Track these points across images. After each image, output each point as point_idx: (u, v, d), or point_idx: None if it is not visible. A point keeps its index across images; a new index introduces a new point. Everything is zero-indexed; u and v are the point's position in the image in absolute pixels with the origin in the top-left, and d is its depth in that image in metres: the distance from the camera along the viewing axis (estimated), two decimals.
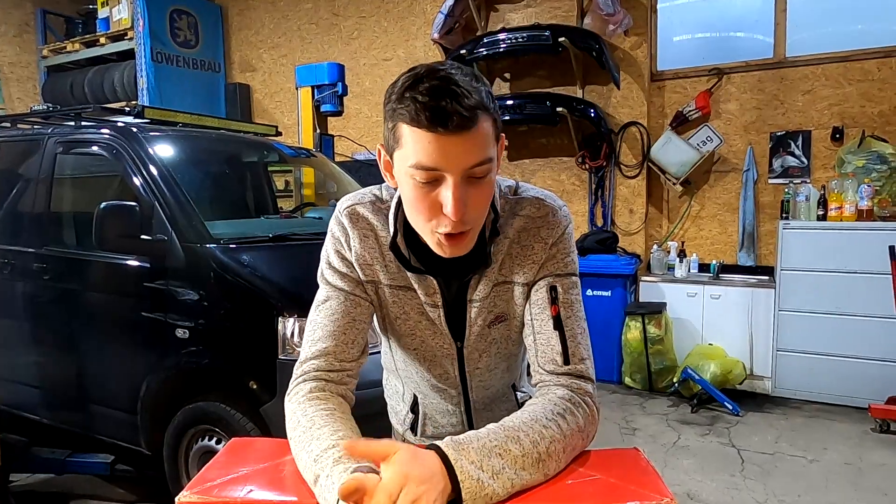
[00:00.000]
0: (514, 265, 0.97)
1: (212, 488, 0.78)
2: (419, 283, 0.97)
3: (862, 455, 3.24)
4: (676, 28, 4.88)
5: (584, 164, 4.92)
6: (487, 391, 1.11)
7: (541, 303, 0.95)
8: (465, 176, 0.81)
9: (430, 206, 0.83)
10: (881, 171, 3.95)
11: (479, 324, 1.00)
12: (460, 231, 0.85)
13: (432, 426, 1.14)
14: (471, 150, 0.80)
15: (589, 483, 0.81)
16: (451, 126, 0.77)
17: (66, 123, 3.11)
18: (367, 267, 0.97)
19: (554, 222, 0.96)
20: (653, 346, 4.25)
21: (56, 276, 2.83)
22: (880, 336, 3.77)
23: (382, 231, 0.97)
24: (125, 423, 2.64)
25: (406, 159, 0.82)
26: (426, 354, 1.04)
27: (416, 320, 1.00)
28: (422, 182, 0.82)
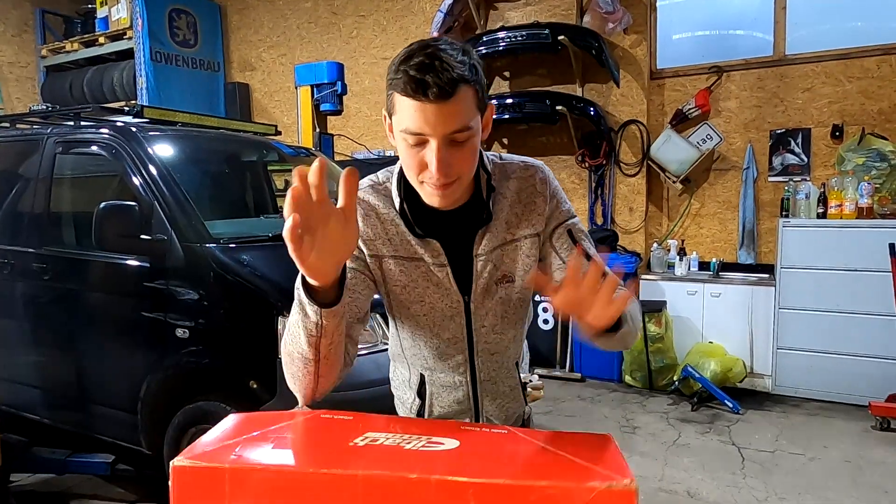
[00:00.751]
0: (521, 221, 1.08)
1: (204, 454, 0.80)
2: (424, 248, 1.06)
3: (862, 453, 3.24)
4: (676, 26, 4.87)
5: (583, 163, 4.92)
6: (493, 358, 1.14)
7: (566, 245, 1.09)
8: (446, 140, 0.93)
9: (419, 164, 0.95)
10: (881, 168, 3.95)
11: (486, 277, 1.08)
12: (447, 183, 0.96)
13: (438, 406, 1.17)
14: (450, 117, 0.91)
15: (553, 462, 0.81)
16: (432, 96, 0.89)
17: (66, 123, 3.11)
18: (371, 243, 1.06)
19: (544, 178, 1.10)
20: (653, 345, 4.25)
21: (56, 276, 2.83)
22: (880, 334, 3.77)
23: (383, 209, 1.07)
24: (125, 422, 2.64)
25: (399, 124, 0.95)
26: (434, 318, 1.10)
27: (423, 286, 1.08)
28: (411, 144, 0.94)
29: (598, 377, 4.53)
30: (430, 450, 0.82)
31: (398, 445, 0.83)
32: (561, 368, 4.65)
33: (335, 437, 0.87)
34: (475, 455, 0.83)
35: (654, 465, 3.08)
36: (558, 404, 4.05)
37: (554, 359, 4.69)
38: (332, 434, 0.89)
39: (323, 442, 0.87)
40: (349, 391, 2.20)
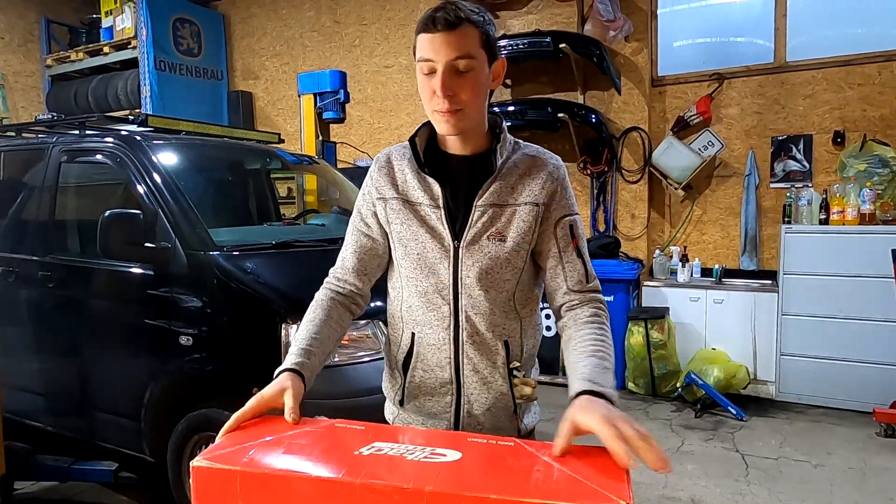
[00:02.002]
0: (524, 189, 1.17)
1: (220, 456, 0.85)
2: (424, 189, 1.18)
3: (866, 459, 3.23)
4: (677, 33, 4.89)
5: (585, 170, 4.93)
6: (477, 318, 1.17)
7: (566, 238, 1.19)
8: (450, 67, 1.08)
9: (430, 92, 1.11)
10: (883, 174, 3.96)
11: (479, 227, 1.16)
12: (453, 109, 1.10)
13: (422, 370, 1.22)
14: (453, 45, 1.07)
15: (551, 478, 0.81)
16: (439, 27, 1.06)
17: (71, 132, 3.13)
18: (381, 187, 1.22)
19: (557, 165, 1.22)
20: (656, 351, 4.25)
21: (60, 284, 2.84)
22: (884, 340, 3.77)
23: (398, 159, 1.23)
24: (129, 430, 2.65)
25: (417, 56, 1.12)
26: (426, 259, 1.18)
27: (417, 226, 1.18)
28: (424, 73, 1.10)
29: None
30: (431, 461, 0.84)
31: (401, 456, 0.86)
32: (563, 375, 4.63)
33: (343, 445, 0.90)
34: (474, 468, 0.84)
35: None
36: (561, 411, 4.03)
37: (557, 366, 4.68)
38: (342, 442, 0.92)
39: (331, 450, 0.90)
40: (351, 398, 2.21)
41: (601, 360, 1.04)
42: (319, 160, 4.02)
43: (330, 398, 2.19)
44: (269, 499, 0.81)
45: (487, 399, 1.19)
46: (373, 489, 0.78)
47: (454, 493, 0.77)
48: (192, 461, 0.85)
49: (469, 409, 1.20)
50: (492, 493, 0.76)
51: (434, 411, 1.22)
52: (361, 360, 2.30)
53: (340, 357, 2.29)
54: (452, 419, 1.21)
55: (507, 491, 0.77)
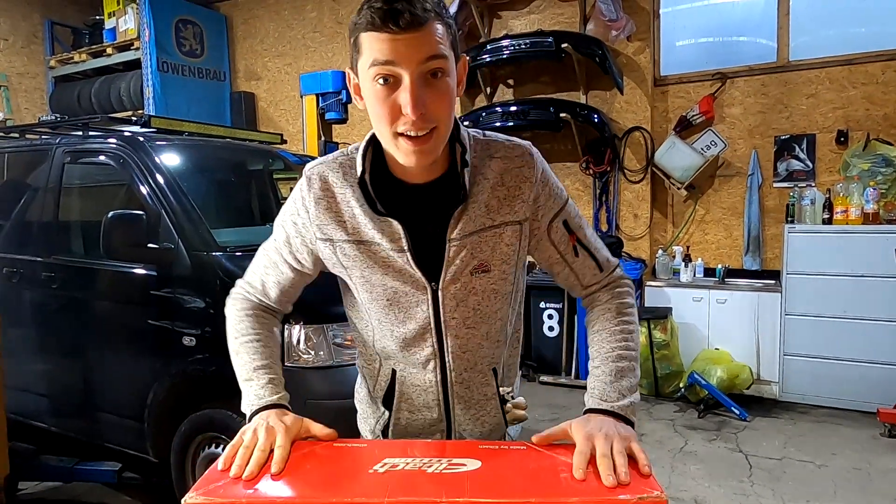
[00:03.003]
0: (503, 206, 0.99)
1: (217, 489, 0.79)
2: (381, 231, 0.97)
3: (871, 460, 3.21)
4: (679, 33, 4.89)
5: (588, 170, 4.92)
6: (465, 357, 1.05)
7: (563, 240, 1.05)
8: (420, 74, 0.86)
9: (391, 108, 0.87)
10: (886, 174, 3.94)
11: (458, 265, 0.98)
12: (423, 132, 0.88)
13: (408, 412, 1.09)
14: (423, 44, 0.85)
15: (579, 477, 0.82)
16: (403, 23, 0.83)
17: (74, 133, 3.14)
18: (323, 226, 1.00)
19: (532, 162, 1.01)
20: (659, 351, 4.24)
21: (64, 285, 2.85)
22: (888, 339, 3.75)
23: (340, 188, 0.99)
24: (132, 430, 2.65)
25: (366, 63, 0.87)
26: (399, 305, 1.01)
27: (381, 272, 0.99)
28: (381, 83, 0.86)
29: None
30: (453, 472, 0.82)
31: (420, 470, 0.83)
32: (567, 375, 4.64)
33: (354, 465, 0.86)
34: (500, 475, 0.82)
35: (661, 472, 3.07)
36: (565, 412, 4.03)
37: (559, 366, 4.68)
38: (350, 462, 0.87)
39: (342, 471, 0.85)
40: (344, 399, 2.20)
41: (616, 362, 1.00)
42: None
43: (333, 398, 2.18)
44: None
45: (481, 432, 1.11)
46: None
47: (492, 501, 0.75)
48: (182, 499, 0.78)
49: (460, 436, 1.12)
50: (530, 497, 0.75)
51: None
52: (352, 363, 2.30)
53: (343, 358, 2.29)
54: None
55: (545, 494, 0.76)
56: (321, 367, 2.24)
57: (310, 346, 2.25)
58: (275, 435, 0.90)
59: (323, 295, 1.35)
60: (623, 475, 0.81)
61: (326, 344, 2.25)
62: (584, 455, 0.85)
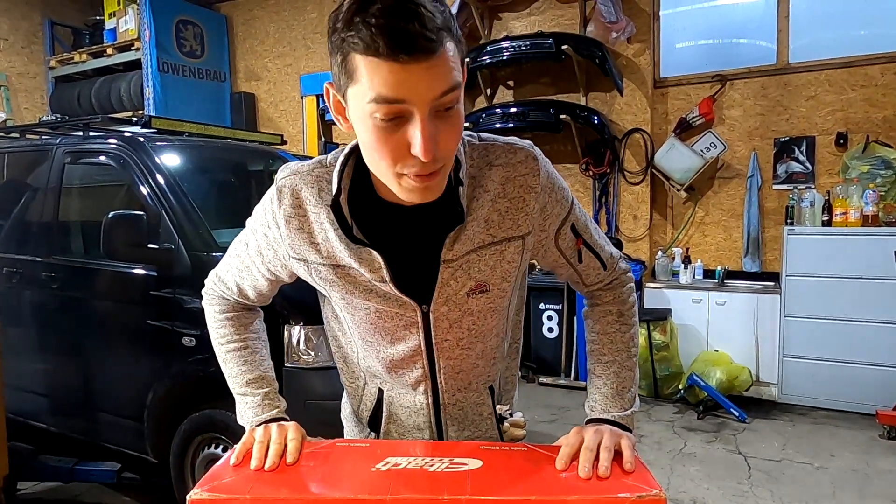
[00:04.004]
0: (505, 220, 0.87)
1: (221, 486, 0.80)
2: (360, 259, 0.86)
3: (869, 462, 3.22)
4: (679, 35, 4.89)
5: (587, 171, 4.93)
6: (458, 377, 0.98)
7: (571, 244, 0.98)
8: (432, 109, 0.71)
9: (395, 148, 0.73)
10: (886, 176, 3.95)
11: (453, 286, 0.88)
12: (434, 171, 0.75)
13: (397, 432, 1.03)
14: (438, 77, 0.70)
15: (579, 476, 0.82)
16: (416, 51, 0.67)
17: (74, 134, 3.14)
18: (296, 246, 0.89)
19: (536, 167, 0.88)
20: (658, 353, 4.24)
21: (64, 285, 2.85)
22: (887, 342, 3.76)
23: (313, 207, 0.87)
24: (132, 430, 2.65)
25: (363, 95, 0.71)
26: (385, 328, 0.92)
27: (363, 297, 0.90)
28: (384, 121, 0.71)
29: None
30: (455, 471, 0.82)
31: (422, 468, 0.83)
32: (566, 377, 4.64)
33: (356, 464, 0.87)
34: (501, 473, 0.83)
35: (660, 473, 3.07)
36: (564, 413, 4.04)
37: (559, 367, 4.68)
38: (353, 461, 0.88)
39: (345, 469, 0.86)
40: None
41: (617, 374, 1.00)
42: None
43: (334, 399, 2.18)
44: None
45: None
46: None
47: (494, 499, 0.76)
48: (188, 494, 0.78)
49: None
50: (531, 495, 0.76)
51: None
52: None
53: None
54: None
55: (546, 492, 0.77)
56: (321, 368, 2.25)
57: (310, 346, 2.25)
58: (286, 429, 0.92)
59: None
60: (603, 469, 0.81)
61: (326, 344, 2.25)
62: (571, 447, 0.86)
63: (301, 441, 0.91)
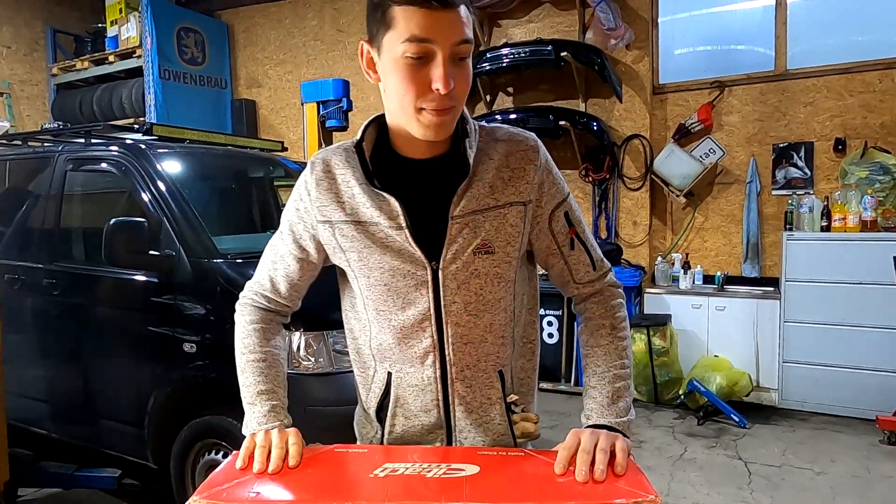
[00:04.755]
0: (508, 187, 0.98)
1: (220, 492, 0.81)
2: (380, 208, 0.97)
3: (870, 467, 3.22)
4: (678, 41, 4.92)
5: (587, 177, 4.94)
6: (467, 349, 1.01)
7: (563, 231, 1.04)
8: (452, 54, 0.88)
9: (420, 84, 0.89)
10: (884, 181, 3.96)
11: (460, 243, 0.97)
12: (449, 106, 0.90)
13: (403, 417, 1.05)
14: (458, 26, 0.88)
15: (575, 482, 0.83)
16: (443, 2, 0.85)
17: (76, 141, 3.16)
18: (323, 207, 1.01)
19: (536, 146, 1.02)
20: (658, 358, 4.24)
21: (65, 291, 2.86)
22: (886, 347, 3.76)
23: (340, 169, 1.01)
24: (132, 436, 2.66)
25: (398, 37, 0.87)
26: (397, 289, 0.99)
27: (379, 252, 0.98)
28: (413, 58, 0.87)
29: None
30: (452, 476, 0.83)
31: (419, 474, 0.84)
32: (566, 383, 4.64)
33: (354, 469, 0.88)
34: (498, 479, 0.84)
35: (660, 479, 3.07)
36: (564, 419, 4.03)
37: (559, 373, 4.68)
38: (351, 467, 0.89)
39: (343, 475, 0.87)
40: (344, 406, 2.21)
41: (612, 384, 1.02)
42: None
43: (334, 405, 2.19)
44: None
45: (485, 442, 1.03)
46: None
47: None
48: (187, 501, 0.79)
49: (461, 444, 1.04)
50: (529, 500, 0.77)
51: None
52: None
53: (343, 365, 2.30)
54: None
55: (541, 498, 0.78)
56: (321, 374, 2.25)
57: (310, 352, 2.26)
58: (287, 434, 0.95)
59: (323, 302, 1.36)
60: (598, 472, 0.83)
61: (326, 351, 2.26)
62: (568, 450, 0.88)
63: (302, 446, 0.93)
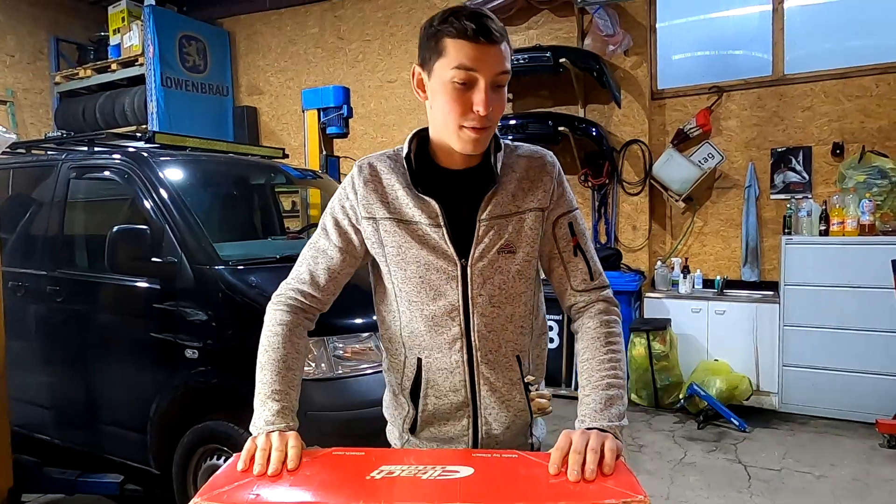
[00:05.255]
0: (528, 195, 1.14)
1: (221, 494, 0.84)
2: (421, 208, 1.11)
3: (870, 471, 3.22)
4: (676, 47, 4.95)
5: (586, 182, 4.97)
6: (490, 336, 1.12)
7: (566, 237, 1.16)
8: (491, 82, 1.03)
9: (463, 105, 1.03)
10: (882, 185, 3.98)
11: (487, 243, 1.11)
12: (484, 126, 1.05)
13: (434, 397, 1.15)
14: (499, 59, 1.03)
15: (567, 483, 0.85)
16: (490, 38, 1.01)
17: (79, 149, 3.19)
18: (369, 205, 1.13)
19: (552, 161, 1.19)
20: (658, 363, 4.26)
21: (68, 298, 2.89)
22: (886, 350, 3.77)
23: (387, 174, 1.14)
24: (135, 442, 2.68)
25: (448, 64, 1.03)
26: (430, 282, 1.11)
27: (418, 248, 1.11)
28: (459, 84, 1.02)
29: None
30: (447, 478, 0.86)
31: (415, 476, 0.87)
32: (567, 387, 4.65)
33: (352, 472, 0.90)
34: (491, 481, 0.86)
35: (660, 483, 3.08)
36: (565, 423, 4.00)
37: (560, 377, 4.69)
38: (349, 469, 0.92)
39: (341, 478, 0.90)
40: (355, 410, 2.24)
41: (606, 391, 1.06)
42: (323, 175, 4.08)
43: (334, 410, 2.22)
44: None
45: (507, 417, 1.15)
46: None
47: None
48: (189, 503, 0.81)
49: (488, 430, 1.15)
50: (521, 501, 0.79)
51: (451, 436, 1.17)
52: (364, 373, 2.33)
53: (343, 370, 2.32)
54: (470, 441, 1.16)
55: (533, 499, 0.80)
56: (321, 380, 2.27)
57: (310, 358, 2.28)
58: (287, 437, 0.99)
59: None
60: (588, 472, 0.87)
61: (327, 356, 2.28)
62: (560, 451, 0.93)
63: (301, 449, 0.96)
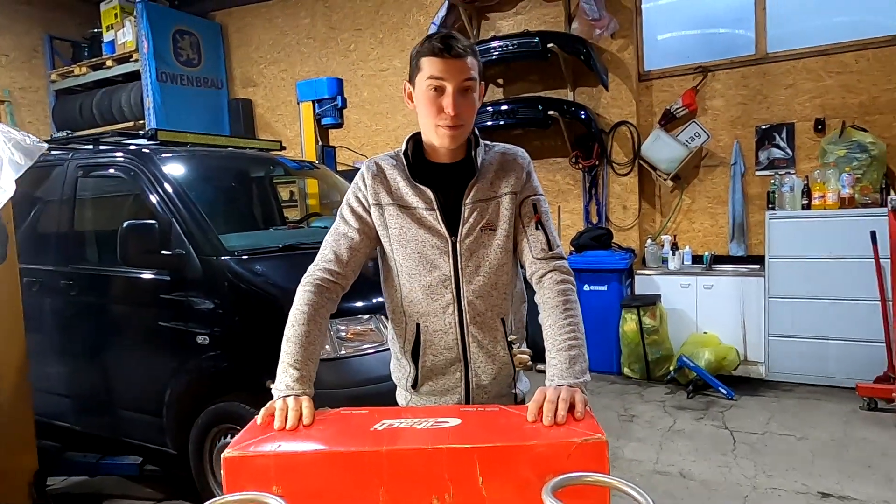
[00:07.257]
0: (501, 182, 1.37)
1: (247, 446, 0.99)
2: (418, 196, 1.35)
3: (848, 431, 3.40)
4: (661, 27, 5.05)
5: (577, 164, 5.10)
6: (478, 301, 1.35)
7: (529, 214, 1.37)
8: (458, 88, 1.27)
9: (437, 108, 1.28)
10: (862, 159, 4.11)
11: (471, 222, 1.34)
12: (457, 125, 1.29)
13: (431, 355, 1.38)
14: (464, 69, 1.28)
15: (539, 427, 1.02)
16: (452, 53, 1.26)
17: (85, 148, 3.30)
18: (376, 194, 1.37)
19: (523, 156, 1.44)
20: (649, 337, 4.42)
21: (82, 292, 3.03)
22: (866, 318, 3.91)
23: (389, 169, 1.38)
24: (152, 425, 2.83)
25: (424, 76, 1.29)
26: (426, 256, 1.34)
27: (416, 228, 1.34)
28: (432, 90, 1.28)
29: (598, 370, 4.68)
30: (438, 427, 1.03)
31: (412, 427, 1.03)
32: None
33: (358, 425, 1.07)
34: (475, 428, 1.04)
35: (650, 449, 3.25)
36: None
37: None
38: (355, 424, 1.08)
39: (348, 430, 1.06)
40: (357, 387, 2.39)
41: (568, 351, 1.23)
42: (319, 165, 4.20)
43: (338, 388, 2.37)
44: (303, 477, 0.95)
45: (493, 370, 1.38)
46: (399, 454, 0.95)
47: (467, 446, 0.95)
48: (222, 453, 0.96)
49: (477, 381, 1.38)
50: (497, 442, 0.96)
51: (446, 387, 1.39)
52: (366, 353, 2.48)
53: (346, 350, 2.47)
54: (463, 392, 1.39)
55: (509, 440, 0.97)
56: (326, 360, 2.42)
57: None
58: (301, 400, 1.15)
59: None
60: (559, 417, 1.04)
61: (331, 337, 2.43)
62: (537, 402, 1.09)
63: (313, 409, 1.13)
